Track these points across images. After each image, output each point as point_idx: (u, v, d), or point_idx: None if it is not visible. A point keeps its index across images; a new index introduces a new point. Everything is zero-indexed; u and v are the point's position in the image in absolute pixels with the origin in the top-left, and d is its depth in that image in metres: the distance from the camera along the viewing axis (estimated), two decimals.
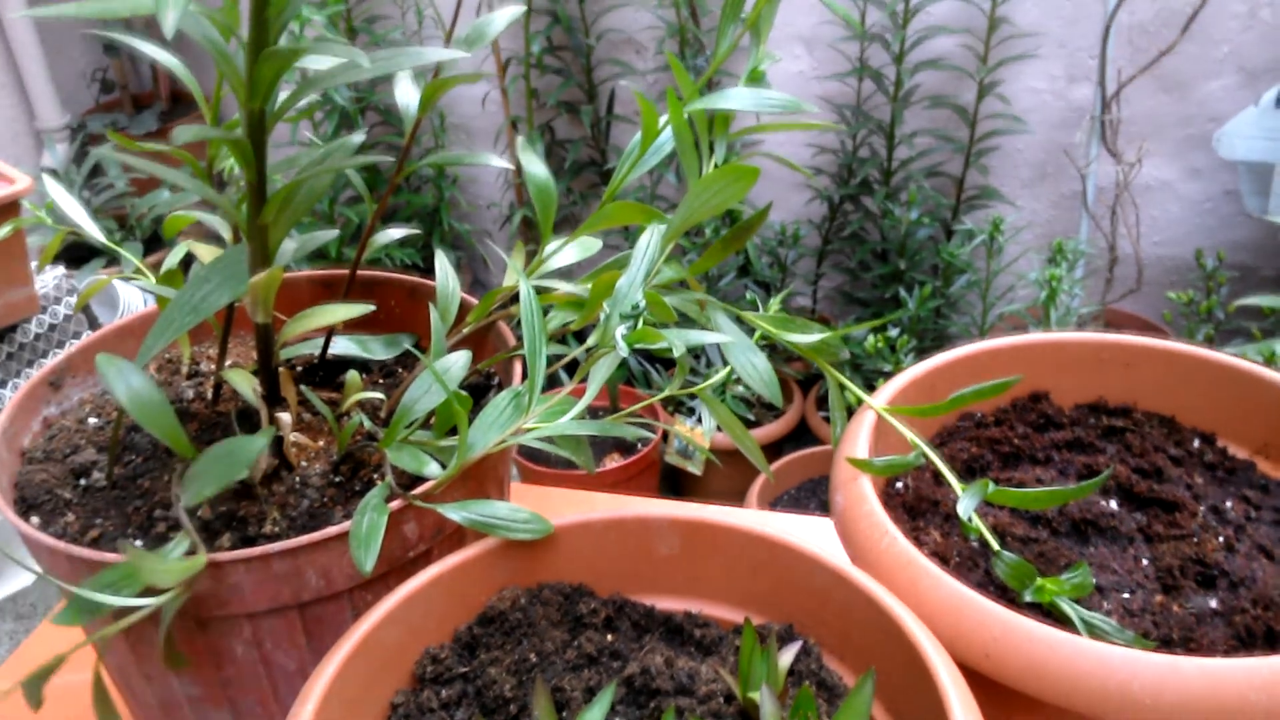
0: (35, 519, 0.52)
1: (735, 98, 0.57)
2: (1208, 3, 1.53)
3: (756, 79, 0.61)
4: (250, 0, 0.46)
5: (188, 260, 0.62)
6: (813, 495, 1.77)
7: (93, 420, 0.59)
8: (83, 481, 0.54)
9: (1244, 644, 0.45)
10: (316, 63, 0.55)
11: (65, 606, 0.45)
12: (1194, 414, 0.61)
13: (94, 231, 0.63)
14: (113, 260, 1.86)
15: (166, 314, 0.45)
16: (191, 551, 0.46)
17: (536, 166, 0.60)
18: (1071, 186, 1.87)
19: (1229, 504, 0.55)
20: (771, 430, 1.86)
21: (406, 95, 0.62)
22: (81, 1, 0.46)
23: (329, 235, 0.64)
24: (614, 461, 1.76)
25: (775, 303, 0.66)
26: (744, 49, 0.60)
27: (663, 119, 0.59)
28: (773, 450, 1.86)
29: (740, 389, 1.78)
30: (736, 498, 1.80)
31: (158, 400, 0.46)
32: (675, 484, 1.94)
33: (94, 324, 1.28)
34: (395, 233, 0.68)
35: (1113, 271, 1.72)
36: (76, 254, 1.92)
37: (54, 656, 0.42)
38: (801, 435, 1.91)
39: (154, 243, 2.09)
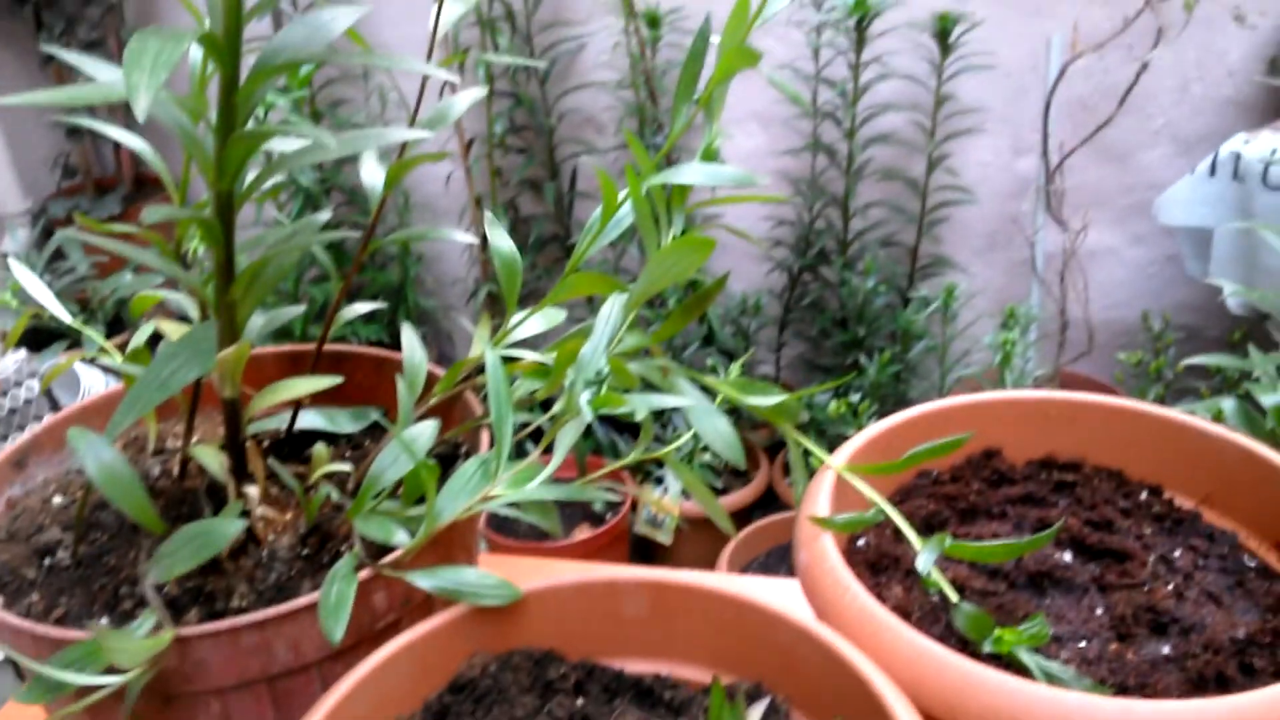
0: None
1: (690, 173, 0.59)
2: (1142, 78, 1.60)
3: (711, 155, 0.64)
4: (219, 85, 0.47)
5: (153, 340, 0.63)
6: (782, 562, 1.77)
7: (58, 499, 0.59)
8: (47, 561, 0.54)
9: (1197, 687, 0.47)
10: (284, 144, 0.57)
11: (27, 685, 0.45)
12: (1141, 467, 0.63)
13: (61, 313, 0.63)
14: (74, 343, 1.85)
15: (135, 390, 0.46)
16: (158, 628, 0.46)
17: (503, 240, 0.62)
18: (1021, 254, 1.92)
19: (1177, 553, 0.57)
20: (739, 498, 1.87)
21: (372, 175, 0.64)
22: (55, 90, 0.47)
23: (295, 311, 0.65)
24: (583, 534, 1.76)
25: (736, 368, 0.68)
26: (701, 126, 0.62)
27: (623, 194, 0.61)
28: (741, 518, 1.87)
29: (708, 457, 1.79)
30: (706, 567, 1.80)
31: (127, 475, 0.46)
32: (645, 557, 1.93)
33: (55, 407, 1.27)
34: (361, 308, 0.69)
35: (1064, 335, 1.76)
36: (37, 337, 1.90)
37: None
38: (769, 502, 1.92)
39: (116, 325, 2.09)
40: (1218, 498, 0.60)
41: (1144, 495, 0.62)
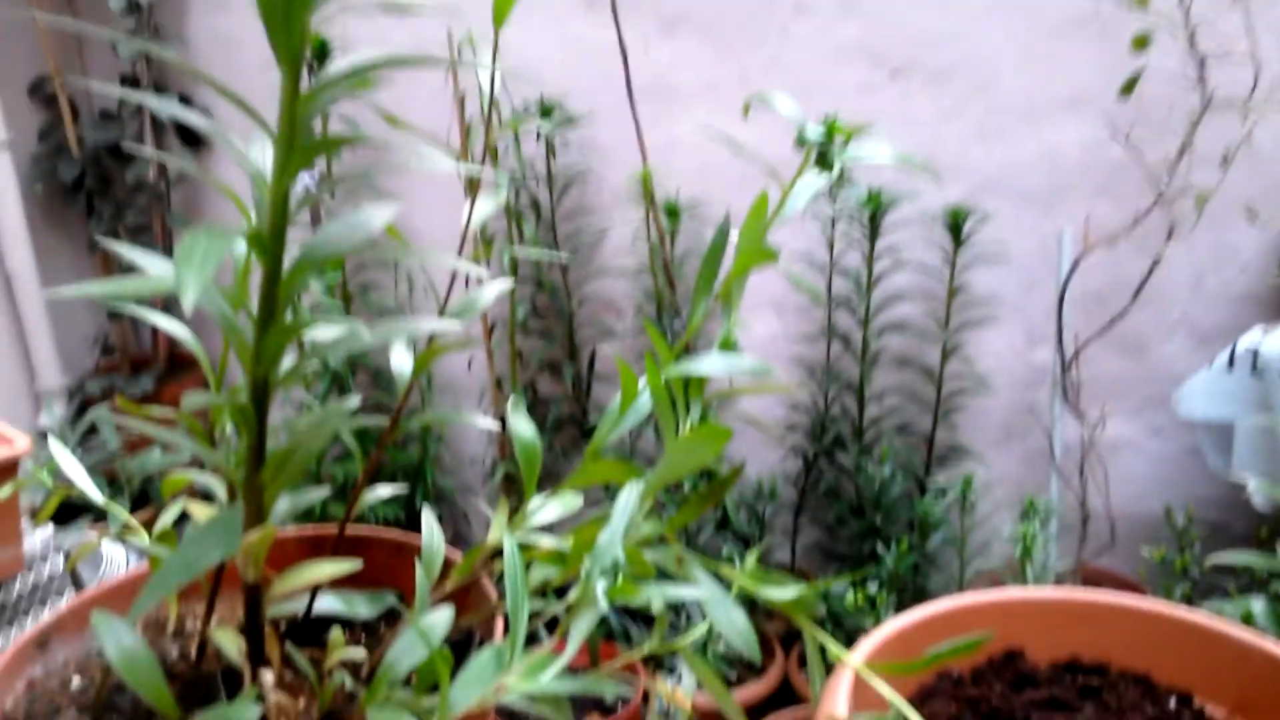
0: None
1: (709, 364, 0.61)
2: (1155, 272, 1.64)
3: (729, 346, 0.66)
4: (262, 278, 0.50)
5: (179, 519, 0.64)
6: None
7: (76, 681, 0.59)
8: None
9: None
10: (320, 332, 0.59)
11: None
12: (1168, 671, 0.62)
13: (94, 493, 0.65)
14: (99, 517, 1.86)
15: (161, 571, 0.47)
16: None
17: (523, 427, 0.63)
18: (1039, 443, 1.92)
19: None
20: (753, 691, 1.81)
21: (401, 361, 0.66)
22: (107, 283, 0.50)
23: (320, 494, 0.66)
24: None
25: (752, 557, 0.68)
26: (719, 313, 0.65)
27: (642, 383, 0.63)
28: (756, 712, 1.81)
29: (722, 647, 1.75)
30: None
31: (147, 661, 0.47)
32: None
33: (77, 581, 1.27)
34: (383, 490, 0.70)
35: (1086, 528, 1.74)
36: (62, 510, 1.92)
37: None
38: (785, 696, 1.86)
39: (142, 500, 2.10)
40: (1250, 706, 0.59)
41: (1173, 703, 0.61)
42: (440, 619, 0.53)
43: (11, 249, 2.24)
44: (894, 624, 0.62)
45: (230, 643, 0.52)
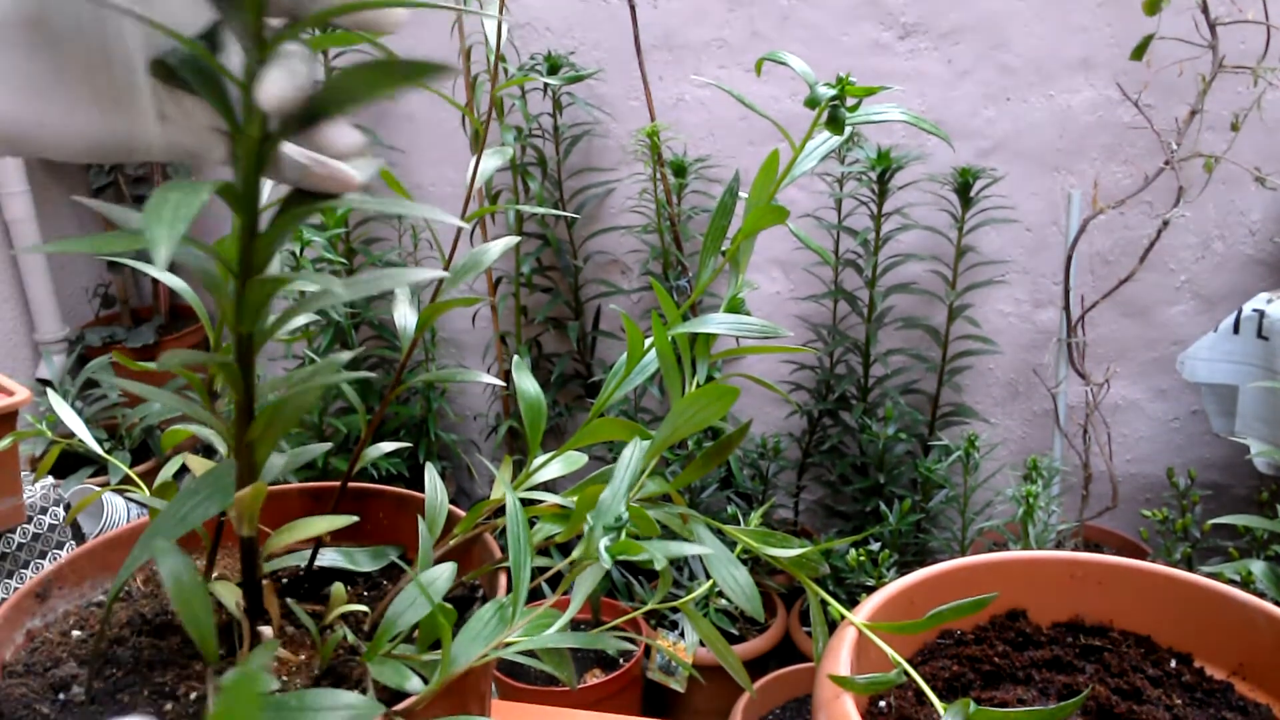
0: None
1: (716, 323, 0.61)
2: (1163, 235, 1.63)
3: (736, 306, 0.65)
4: (239, 231, 0.49)
5: (179, 472, 0.64)
6: (798, 715, 1.72)
7: (76, 633, 0.59)
8: (62, 696, 0.53)
9: None
10: (310, 285, 0.58)
11: None
12: (1170, 633, 0.62)
13: (92, 444, 0.64)
14: (99, 469, 1.87)
15: (155, 524, 0.46)
16: None
17: (528, 384, 0.63)
18: (1043, 405, 1.92)
19: None
20: (755, 646, 1.83)
21: (404, 316, 0.66)
22: (87, 239, 0.49)
23: (320, 449, 0.66)
24: (595, 678, 1.72)
25: (756, 516, 0.68)
26: (726, 272, 0.64)
27: (647, 340, 0.62)
28: (757, 666, 1.82)
29: (724, 602, 1.77)
30: (720, 716, 1.75)
31: (200, 593, 0.46)
32: (658, 701, 1.88)
33: (78, 532, 1.27)
34: (385, 446, 0.69)
35: (1088, 488, 1.74)
36: (63, 461, 1.92)
37: None
38: (786, 651, 1.88)
39: (142, 452, 2.10)
40: (1250, 669, 0.59)
41: (1174, 663, 0.61)
42: (443, 574, 0.53)
43: (10, 198, 2.22)
44: (897, 583, 0.62)
45: (227, 596, 0.51)
